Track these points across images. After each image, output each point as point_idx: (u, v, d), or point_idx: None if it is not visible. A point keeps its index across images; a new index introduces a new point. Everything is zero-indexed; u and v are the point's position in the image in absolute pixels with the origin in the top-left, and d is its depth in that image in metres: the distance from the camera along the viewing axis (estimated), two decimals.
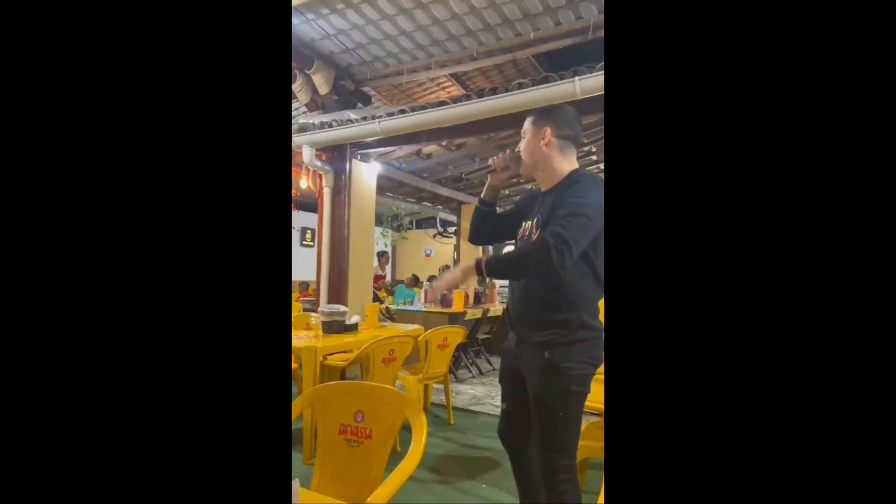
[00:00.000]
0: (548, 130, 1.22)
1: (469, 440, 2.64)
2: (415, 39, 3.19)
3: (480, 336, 4.50)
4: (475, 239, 1.46)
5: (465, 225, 6.07)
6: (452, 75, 4.04)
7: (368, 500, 0.86)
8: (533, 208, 1.27)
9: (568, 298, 1.12)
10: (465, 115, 2.81)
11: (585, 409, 2.08)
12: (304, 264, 8.30)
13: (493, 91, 2.74)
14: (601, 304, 1.20)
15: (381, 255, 6.09)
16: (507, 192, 1.43)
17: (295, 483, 0.56)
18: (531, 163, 1.26)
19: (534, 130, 1.24)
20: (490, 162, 1.35)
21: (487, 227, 1.41)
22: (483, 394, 3.62)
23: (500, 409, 1.44)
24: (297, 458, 2.28)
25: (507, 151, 1.33)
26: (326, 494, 1.09)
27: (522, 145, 1.28)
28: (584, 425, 1.87)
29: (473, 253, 6.05)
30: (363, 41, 3.25)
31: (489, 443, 2.60)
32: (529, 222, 1.25)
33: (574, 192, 1.11)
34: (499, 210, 1.47)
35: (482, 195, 1.42)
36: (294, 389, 2.94)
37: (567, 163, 1.23)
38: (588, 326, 1.13)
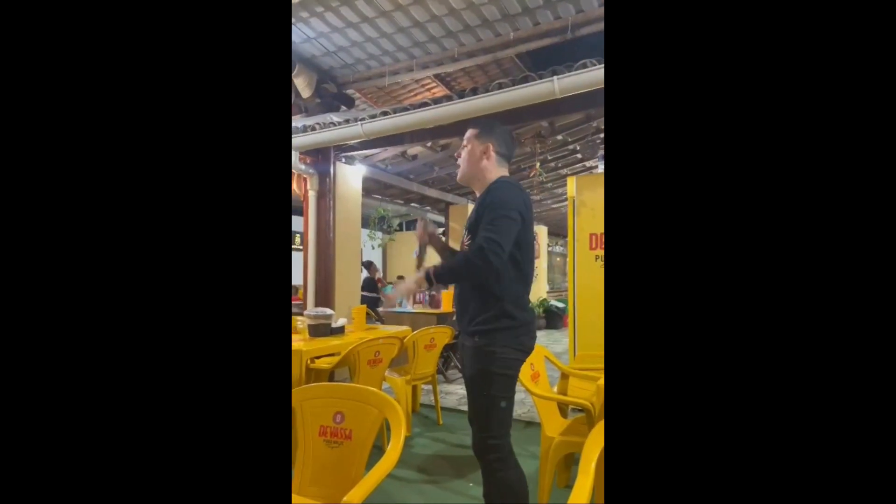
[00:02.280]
0: (490, 146, 1.36)
1: (458, 440, 2.65)
2: (396, 41, 3.20)
3: None
4: None
5: (454, 225, 6.08)
6: (436, 76, 4.05)
7: (344, 498, 0.86)
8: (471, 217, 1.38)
9: (493, 292, 1.27)
10: (448, 115, 2.82)
11: (571, 406, 2.10)
12: (294, 268, 8.25)
13: (474, 91, 2.75)
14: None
15: (369, 265, 5.97)
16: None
17: None
18: (470, 173, 1.40)
19: (476, 143, 1.38)
20: (418, 236, 1.53)
21: None
22: None
23: None
24: None
25: (421, 224, 1.50)
26: (306, 496, 1.09)
27: (463, 155, 1.40)
28: (568, 421, 1.89)
29: None
30: (344, 44, 3.25)
31: None
32: (465, 230, 1.38)
33: (495, 197, 1.26)
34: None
35: (441, 258, 1.55)
36: None
37: (497, 173, 1.37)
38: (510, 316, 1.28)
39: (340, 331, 2.71)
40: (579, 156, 4.84)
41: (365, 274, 5.51)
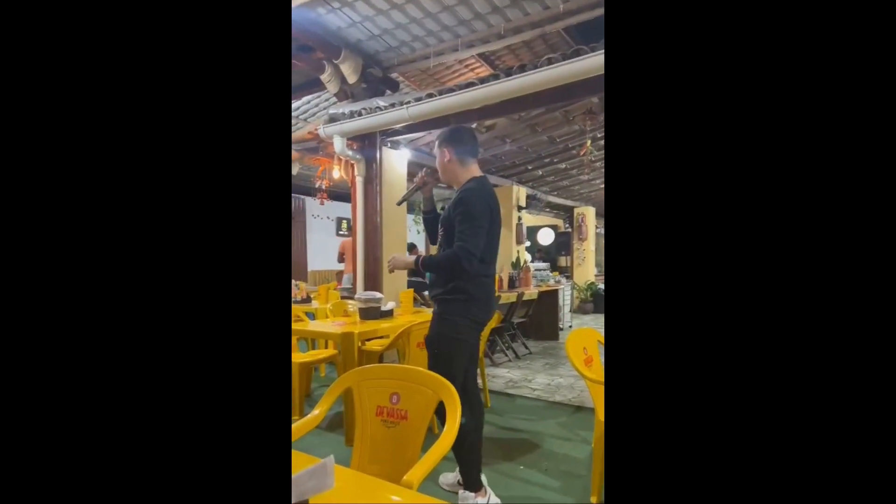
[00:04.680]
0: (446, 151, 1.68)
1: (506, 422, 2.65)
2: (441, 21, 3.13)
3: (516, 320, 4.48)
4: (433, 240, 1.86)
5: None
6: (481, 55, 3.95)
7: (404, 478, 0.87)
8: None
9: (451, 271, 1.59)
10: (494, 95, 2.75)
11: None
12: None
13: (522, 69, 2.66)
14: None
15: (412, 247, 6.04)
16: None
17: (329, 459, 0.57)
18: (446, 178, 1.74)
19: (440, 152, 1.71)
20: (415, 180, 1.83)
21: (436, 229, 1.78)
22: (519, 377, 3.61)
23: (536, 393, 1.64)
24: (339, 440, 2.36)
25: (424, 169, 1.84)
26: (366, 474, 1.12)
27: (437, 163, 1.75)
28: None
29: (507, 236, 5.99)
30: (389, 26, 3.23)
31: (526, 425, 2.60)
32: (440, 224, 1.71)
33: (466, 206, 1.56)
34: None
35: (423, 206, 1.90)
36: (335, 375, 3.03)
37: (466, 172, 1.68)
38: (464, 291, 1.59)
39: (389, 314, 2.77)
40: None
41: None
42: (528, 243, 7.29)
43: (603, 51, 2.35)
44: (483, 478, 1.81)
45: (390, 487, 0.82)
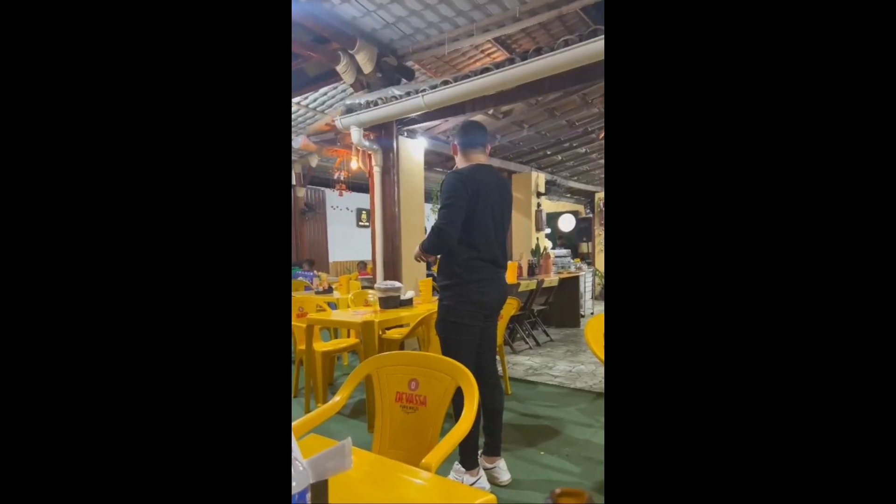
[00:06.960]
0: (453, 144, 1.83)
1: (527, 409, 2.66)
2: (455, 5, 3.09)
3: (536, 307, 4.46)
4: None
5: (517, 195, 5.95)
6: (496, 40, 3.89)
7: (423, 461, 0.89)
8: None
9: (447, 259, 1.74)
10: (510, 79, 2.72)
11: None
12: (363, 244, 8.54)
13: (538, 52, 2.61)
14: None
15: None
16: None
17: (347, 441, 0.58)
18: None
19: (451, 145, 1.87)
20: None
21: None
22: (540, 364, 3.61)
23: (557, 380, 1.64)
24: (362, 427, 2.42)
25: None
26: (386, 458, 1.14)
27: None
28: None
29: (526, 223, 5.95)
30: (403, 13, 3.20)
31: (547, 411, 2.61)
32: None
33: (442, 188, 1.71)
34: None
35: None
36: (358, 363, 3.09)
37: (466, 161, 1.79)
38: (458, 276, 1.70)
39: (409, 303, 2.79)
40: None
41: None
42: (548, 230, 7.22)
43: None
44: (502, 462, 1.83)
45: (409, 470, 0.84)
